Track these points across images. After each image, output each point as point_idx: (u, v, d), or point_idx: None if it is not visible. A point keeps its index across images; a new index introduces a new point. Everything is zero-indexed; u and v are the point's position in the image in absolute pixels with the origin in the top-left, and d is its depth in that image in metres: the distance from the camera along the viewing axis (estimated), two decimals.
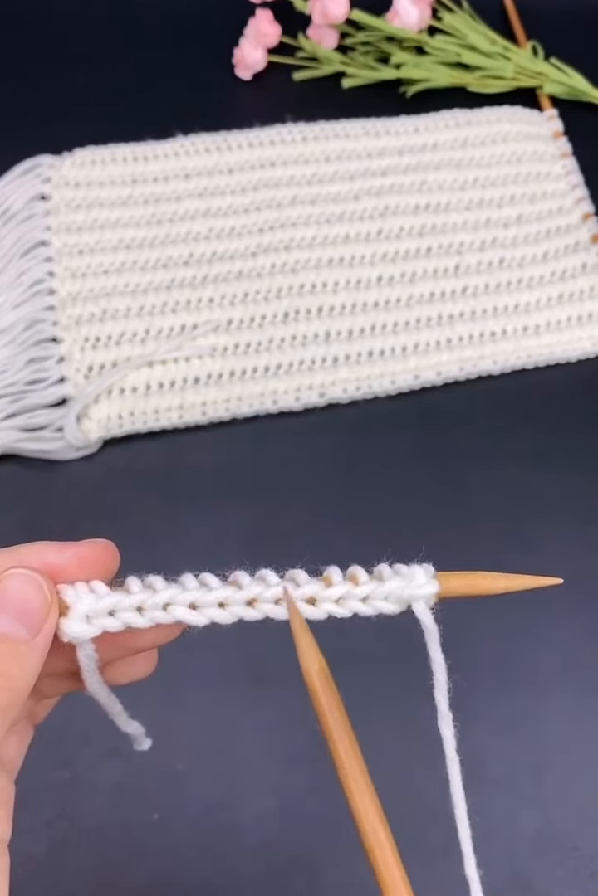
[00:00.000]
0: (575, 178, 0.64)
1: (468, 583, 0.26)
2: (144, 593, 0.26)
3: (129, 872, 0.44)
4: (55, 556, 0.26)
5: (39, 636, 0.24)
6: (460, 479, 0.54)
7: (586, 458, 0.55)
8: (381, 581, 0.26)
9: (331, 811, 0.46)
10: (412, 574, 0.26)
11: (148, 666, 0.29)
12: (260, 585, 0.26)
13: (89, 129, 0.64)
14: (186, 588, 0.26)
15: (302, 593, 0.26)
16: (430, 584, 0.26)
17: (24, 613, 0.24)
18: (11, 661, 0.23)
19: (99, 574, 0.26)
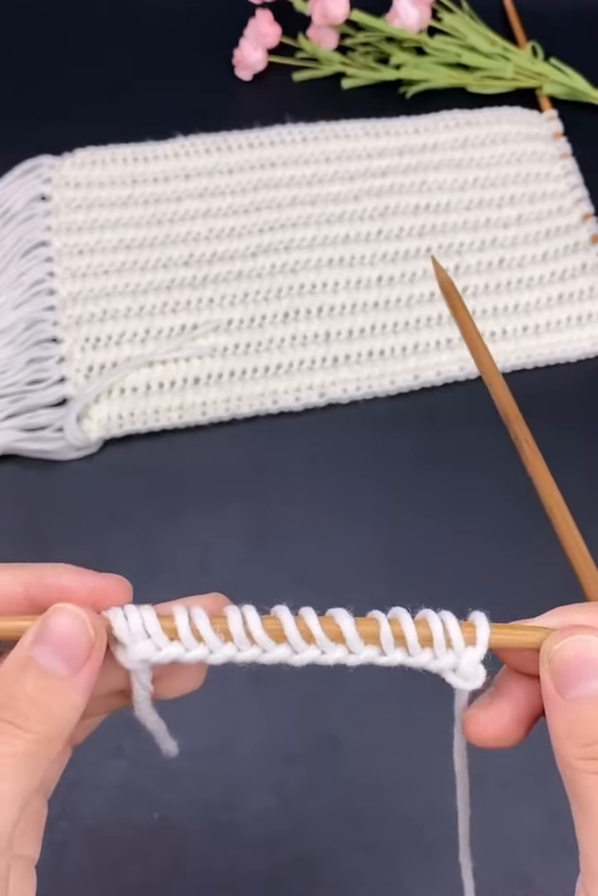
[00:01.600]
0: (575, 178, 0.64)
1: (524, 639, 0.26)
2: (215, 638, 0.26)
3: (129, 872, 0.44)
4: (70, 578, 0.26)
5: (81, 674, 0.24)
6: (460, 479, 0.54)
7: (586, 458, 0.55)
8: (432, 650, 0.26)
9: (331, 811, 0.46)
10: (459, 646, 0.26)
11: (197, 678, 0.28)
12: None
13: (89, 129, 0.64)
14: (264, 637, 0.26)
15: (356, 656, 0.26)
16: (478, 672, 0.26)
17: (67, 650, 0.24)
18: (51, 696, 0.24)
19: (106, 607, 0.26)
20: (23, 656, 0.24)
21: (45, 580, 0.26)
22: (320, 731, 0.47)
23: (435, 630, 0.26)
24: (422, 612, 0.26)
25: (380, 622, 0.26)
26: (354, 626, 0.25)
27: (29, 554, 0.52)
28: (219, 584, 0.52)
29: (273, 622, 0.26)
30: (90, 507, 0.53)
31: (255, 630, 0.26)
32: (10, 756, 0.23)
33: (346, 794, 0.46)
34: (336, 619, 0.26)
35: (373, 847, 0.45)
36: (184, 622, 0.25)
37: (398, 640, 0.26)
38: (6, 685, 0.24)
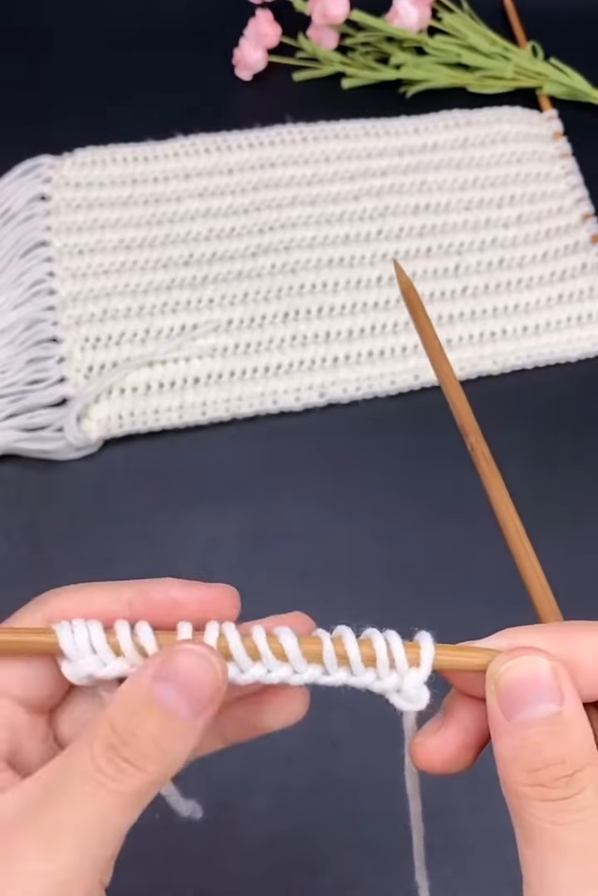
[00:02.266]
0: (575, 178, 0.64)
1: (466, 659, 0.26)
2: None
3: (129, 872, 0.44)
4: (178, 592, 0.26)
5: (201, 717, 0.24)
6: (460, 479, 0.54)
7: (586, 458, 0.55)
8: (375, 670, 0.26)
9: (331, 811, 0.46)
10: (402, 667, 0.25)
11: (301, 706, 0.28)
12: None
13: (89, 129, 0.64)
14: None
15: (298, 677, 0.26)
16: (421, 694, 0.26)
17: (193, 693, 0.23)
18: (173, 739, 0.23)
19: (217, 618, 0.26)
20: (145, 693, 0.23)
21: (150, 596, 0.25)
22: (320, 731, 0.47)
23: (378, 650, 0.25)
24: (367, 631, 0.26)
25: (323, 641, 0.25)
26: (297, 646, 0.25)
27: (29, 554, 0.52)
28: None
29: (222, 640, 0.25)
30: (90, 507, 0.53)
31: (232, 646, 0.25)
32: (125, 794, 0.23)
33: (346, 794, 0.46)
34: (280, 638, 0.25)
35: (373, 847, 0.45)
36: (126, 636, 0.25)
37: (342, 660, 0.25)
38: (127, 720, 0.23)
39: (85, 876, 0.22)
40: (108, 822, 0.23)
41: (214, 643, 0.25)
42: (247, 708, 0.28)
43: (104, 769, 0.22)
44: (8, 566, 0.51)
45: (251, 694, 0.28)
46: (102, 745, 0.23)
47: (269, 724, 0.28)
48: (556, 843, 0.23)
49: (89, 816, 0.22)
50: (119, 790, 0.22)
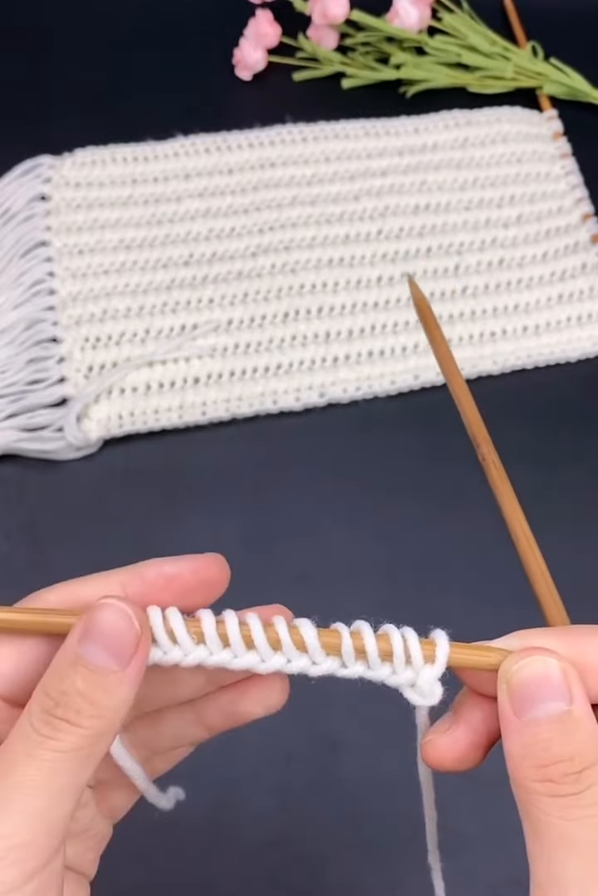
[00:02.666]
0: (575, 178, 0.64)
1: (482, 660, 0.26)
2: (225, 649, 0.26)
3: (129, 872, 0.44)
4: (171, 567, 0.26)
5: (129, 668, 0.24)
6: (460, 479, 0.54)
7: (586, 458, 0.55)
8: (391, 665, 0.26)
9: (331, 811, 0.46)
10: (417, 663, 0.26)
11: (280, 694, 0.28)
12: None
13: (89, 129, 0.64)
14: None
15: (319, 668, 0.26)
16: (435, 689, 0.26)
17: (114, 645, 0.24)
18: (101, 691, 0.24)
19: (212, 587, 0.27)
20: (71, 653, 0.24)
21: (144, 576, 0.26)
22: (320, 731, 0.47)
23: (395, 646, 0.26)
24: (384, 626, 0.27)
25: (342, 634, 0.26)
26: (316, 637, 0.26)
27: (29, 554, 0.52)
28: None
29: (245, 629, 0.26)
30: (90, 506, 0.53)
31: (231, 633, 0.26)
32: (65, 751, 0.23)
33: (346, 794, 0.46)
34: (301, 630, 0.26)
35: (373, 847, 0.45)
36: (159, 623, 0.25)
37: (359, 654, 0.26)
38: (58, 682, 0.24)
39: (39, 838, 0.23)
40: (53, 781, 0.23)
41: (238, 635, 0.25)
42: (228, 697, 0.28)
43: (42, 730, 0.23)
44: (8, 566, 0.51)
45: (232, 683, 0.28)
46: (38, 709, 0.24)
47: (250, 712, 0.28)
48: (564, 839, 0.23)
49: (34, 777, 0.23)
50: (58, 748, 0.23)
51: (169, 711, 0.29)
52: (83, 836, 0.28)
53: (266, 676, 0.27)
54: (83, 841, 0.29)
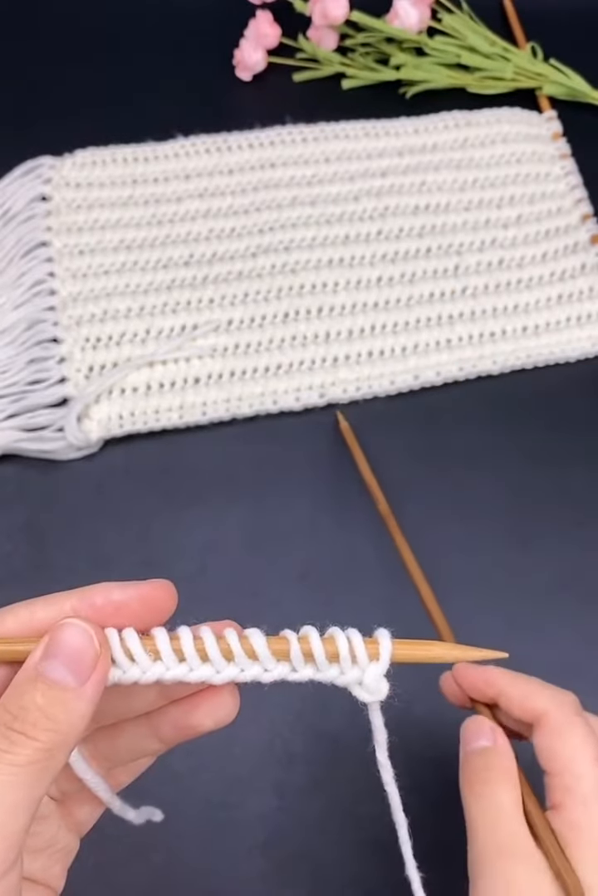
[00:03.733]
0: (574, 178, 0.64)
1: (421, 652, 0.28)
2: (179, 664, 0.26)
3: (129, 872, 0.44)
4: (119, 594, 0.27)
5: (87, 684, 0.25)
6: (460, 479, 0.54)
7: (586, 458, 0.55)
8: (339, 666, 0.27)
9: (332, 810, 0.46)
10: (363, 661, 0.27)
11: (232, 704, 0.29)
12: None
13: (90, 129, 0.64)
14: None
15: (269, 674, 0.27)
16: (381, 686, 0.28)
17: (74, 662, 0.25)
18: (58, 706, 0.24)
19: (159, 612, 0.27)
20: (32, 670, 0.25)
21: (93, 602, 0.26)
22: (320, 731, 0.47)
23: (341, 647, 0.27)
24: (330, 629, 0.27)
25: (290, 640, 0.27)
26: (266, 645, 0.27)
27: (29, 554, 0.52)
28: (218, 584, 0.52)
29: (198, 642, 0.27)
30: (90, 507, 0.53)
31: (185, 648, 0.26)
32: (20, 765, 0.24)
33: (346, 794, 0.46)
34: (251, 639, 0.27)
35: (373, 847, 0.45)
36: (117, 644, 0.26)
37: (308, 657, 0.27)
38: (17, 698, 0.24)
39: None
40: (8, 795, 0.24)
41: (192, 648, 0.26)
42: (180, 710, 0.29)
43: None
44: (8, 566, 0.51)
45: (184, 697, 0.29)
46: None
47: (201, 725, 0.29)
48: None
49: None
50: (14, 761, 0.24)
51: (125, 724, 0.30)
52: (48, 850, 0.29)
53: (216, 691, 0.28)
54: (49, 855, 0.29)
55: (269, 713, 0.47)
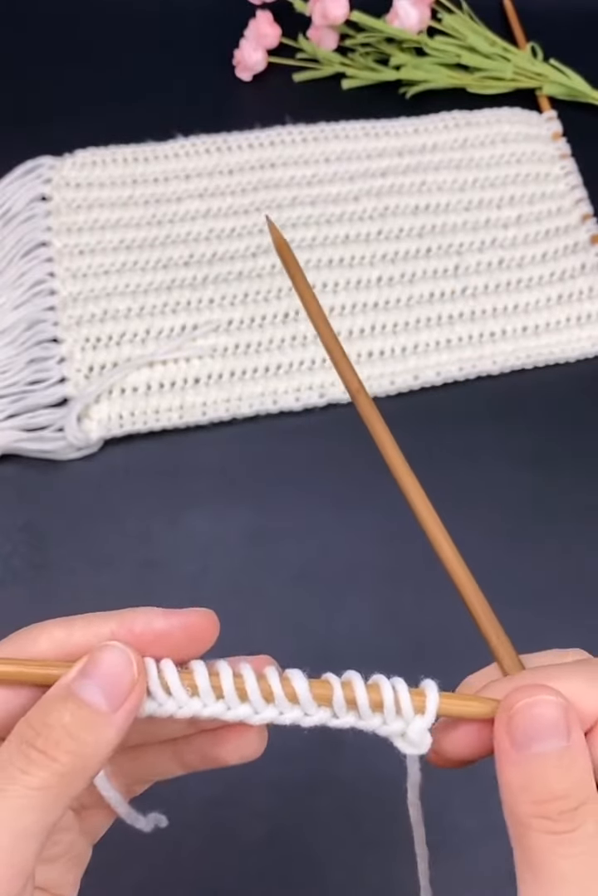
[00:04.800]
0: (574, 178, 0.64)
1: (470, 708, 0.27)
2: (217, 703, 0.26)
3: (129, 871, 0.44)
4: (161, 622, 0.26)
5: (120, 712, 0.24)
6: (460, 479, 0.54)
7: (586, 458, 0.55)
8: (382, 715, 0.26)
9: (332, 809, 0.46)
10: (408, 713, 0.26)
11: (259, 742, 0.28)
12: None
13: (90, 129, 0.64)
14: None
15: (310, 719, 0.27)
16: (424, 739, 0.27)
17: (110, 686, 0.24)
18: (86, 729, 0.23)
19: (201, 642, 0.26)
20: (64, 688, 0.24)
21: (133, 628, 0.25)
22: (319, 730, 0.47)
23: (386, 697, 0.26)
24: (374, 677, 0.27)
25: (333, 686, 0.26)
26: (308, 689, 0.26)
27: (29, 554, 0.52)
28: (219, 584, 0.52)
29: (238, 681, 0.26)
30: (90, 506, 0.53)
31: (225, 686, 0.25)
32: (36, 788, 0.23)
33: (346, 793, 0.46)
34: (293, 682, 0.26)
35: (373, 846, 0.45)
36: (154, 675, 0.25)
37: (350, 705, 0.26)
38: (43, 715, 0.23)
39: (2, 881, 0.22)
40: (19, 819, 0.22)
41: (232, 688, 0.25)
42: (207, 741, 0.28)
43: (15, 761, 0.23)
44: (8, 566, 0.51)
45: (212, 728, 0.28)
46: (17, 740, 0.23)
47: (226, 759, 0.28)
48: (558, 874, 0.23)
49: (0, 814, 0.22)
50: (29, 784, 0.23)
51: (150, 747, 0.29)
52: (64, 857, 0.28)
53: (247, 728, 0.27)
54: (64, 863, 0.28)
55: None
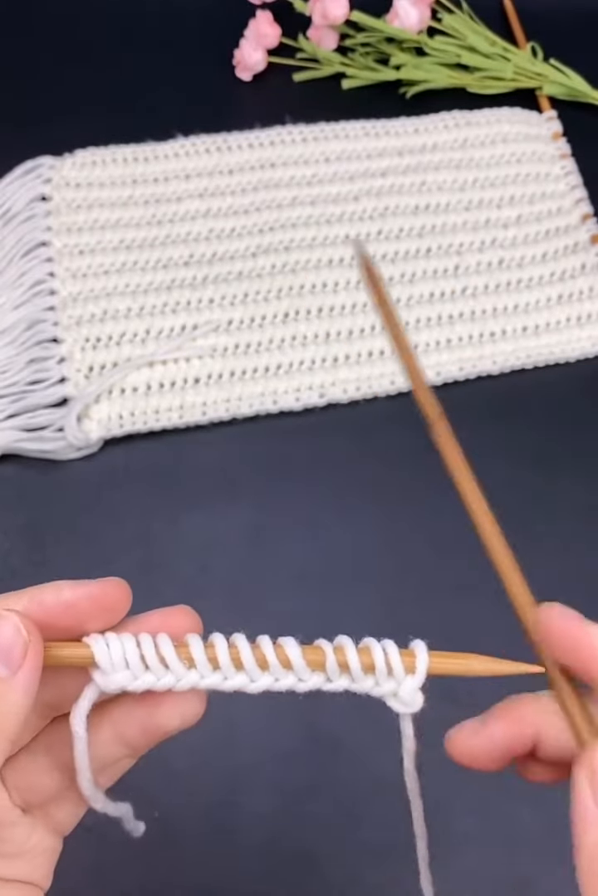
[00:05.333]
0: (574, 178, 0.64)
1: (458, 665, 0.28)
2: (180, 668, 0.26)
3: (129, 872, 0.44)
4: (69, 593, 0.26)
5: (19, 674, 0.25)
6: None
7: (586, 458, 0.55)
8: (374, 677, 0.27)
9: (332, 810, 0.46)
10: (399, 674, 0.27)
11: (199, 701, 0.28)
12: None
13: (90, 129, 0.64)
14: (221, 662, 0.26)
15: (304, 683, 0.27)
16: (416, 698, 0.27)
17: (4, 653, 0.25)
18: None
19: (112, 612, 0.27)
20: None
21: (44, 603, 0.26)
22: (320, 731, 0.47)
23: (377, 659, 0.27)
24: (365, 640, 0.27)
25: (326, 651, 0.27)
26: (301, 655, 0.26)
27: (29, 554, 0.52)
28: (219, 584, 0.52)
29: (233, 651, 0.26)
30: (90, 507, 0.53)
31: (221, 657, 0.26)
32: None
33: (346, 794, 0.46)
34: (286, 649, 0.26)
35: (373, 847, 0.45)
36: (151, 650, 0.26)
37: (343, 668, 0.27)
38: None
39: None
40: None
41: (228, 658, 0.26)
42: (144, 709, 0.28)
43: None
44: (8, 566, 0.51)
45: (148, 697, 0.28)
46: None
47: (167, 725, 0.28)
48: None
49: None
50: None
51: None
52: (28, 854, 0.28)
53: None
54: (30, 859, 0.28)
55: (268, 713, 0.47)
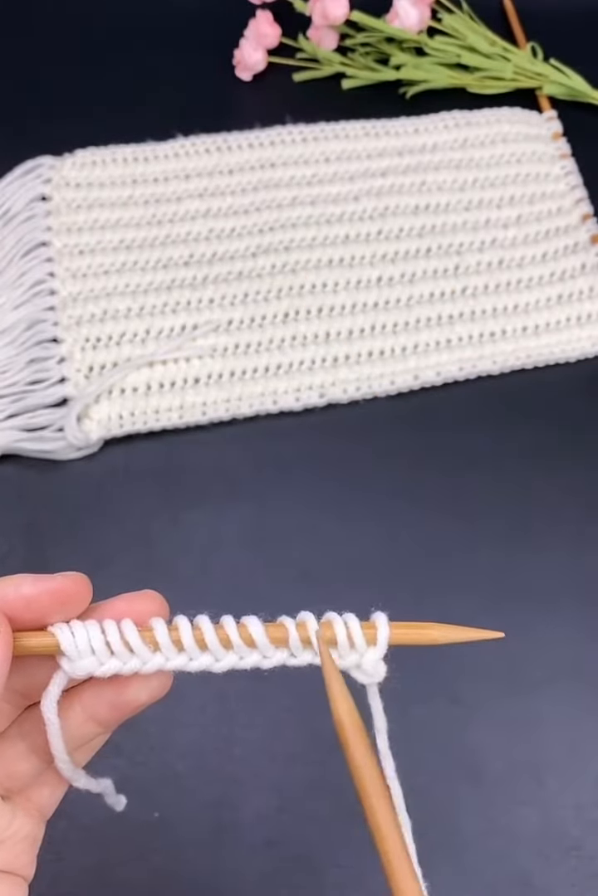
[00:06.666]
0: (574, 178, 0.64)
1: (418, 634, 0.28)
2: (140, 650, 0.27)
3: (129, 872, 0.44)
4: (30, 588, 0.27)
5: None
6: (460, 479, 0.54)
7: (586, 458, 0.55)
8: (336, 651, 0.27)
9: (332, 810, 0.46)
10: (361, 646, 0.27)
11: (166, 676, 0.28)
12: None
13: (90, 129, 0.64)
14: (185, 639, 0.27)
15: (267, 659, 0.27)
16: (379, 669, 0.28)
17: None
18: None
19: (72, 605, 0.27)
20: None
21: (6, 596, 0.26)
22: (320, 731, 0.47)
23: (339, 632, 0.27)
24: (327, 614, 0.28)
25: (288, 627, 0.27)
26: (264, 633, 0.27)
27: (29, 554, 0.52)
28: (219, 584, 0.52)
29: (197, 632, 0.27)
30: (90, 507, 0.53)
31: (184, 639, 0.27)
32: None
33: (346, 794, 0.46)
34: (249, 627, 0.27)
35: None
36: (116, 636, 0.26)
37: (306, 644, 0.27)
38: None
39: None
40: None
41: (191, 640, 0.27)
42: (113, 689, 0.28)
43: None
44: (7, 566, 0.51)
45: (115, 677, 0.28)
46: None
47: (136, 699, 0.28)
48: None
49: None
50: None
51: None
52: (8, 842, 0.28)
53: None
54: (10, 846, 0.28)
55: (268, 713, 0.47)
